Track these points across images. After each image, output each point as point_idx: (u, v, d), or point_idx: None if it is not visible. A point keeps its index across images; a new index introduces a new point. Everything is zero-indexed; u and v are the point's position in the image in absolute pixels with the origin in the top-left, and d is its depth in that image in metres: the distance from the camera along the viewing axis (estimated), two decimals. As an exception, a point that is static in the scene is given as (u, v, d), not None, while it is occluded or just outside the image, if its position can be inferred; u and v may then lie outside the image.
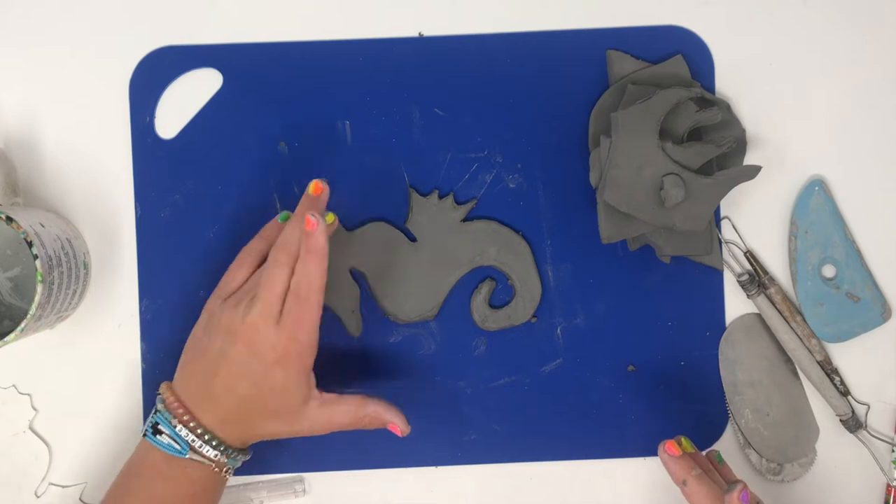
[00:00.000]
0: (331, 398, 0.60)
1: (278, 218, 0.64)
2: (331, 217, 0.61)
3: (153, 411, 0.59)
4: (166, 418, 0.58)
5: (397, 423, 0.61)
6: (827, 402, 0.66)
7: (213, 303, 0.61)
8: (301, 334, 0.57)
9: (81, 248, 0.64)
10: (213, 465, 0.58)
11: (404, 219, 0.66)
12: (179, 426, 0.58)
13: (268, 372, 0.57)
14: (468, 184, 0.66)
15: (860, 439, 0.66)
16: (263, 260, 0.62)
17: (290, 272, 0.58)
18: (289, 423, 0.59)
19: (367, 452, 0.66)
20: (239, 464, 0.60)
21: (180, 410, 0.58)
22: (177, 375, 0.60)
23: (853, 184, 0.67)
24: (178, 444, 0.57)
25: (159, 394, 0.60)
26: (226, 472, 0.59)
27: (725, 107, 0.64)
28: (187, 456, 0.57)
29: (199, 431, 0.57)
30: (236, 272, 0.62)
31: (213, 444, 0.58)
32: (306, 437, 0.65)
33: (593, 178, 0.64)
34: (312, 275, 0.58)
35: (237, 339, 0.58)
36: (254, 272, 0.61)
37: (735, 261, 0.67)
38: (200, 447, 0.57)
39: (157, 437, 0.58)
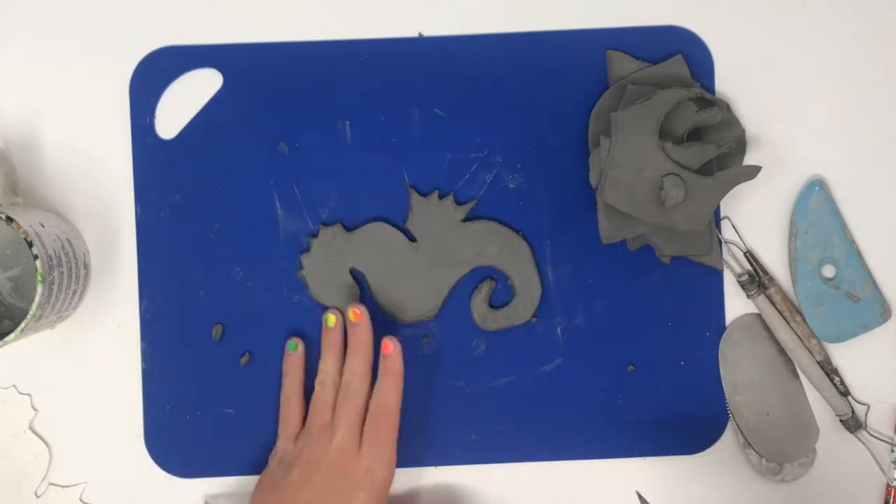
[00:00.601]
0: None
1: (288, 348, 0.65)
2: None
3: None
4: None
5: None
6: (826, 402, 0.66)
7: (282, 444, 0.63)
8: (382, 455, 0.60)
9: (81, 248, 0.64)
10: None
11: (404, 219, 0.66)
12: None
13: (352, 495, 0.59)
14: (468, 184, 0.66)
15: (860, 439, 0.66)
16: (305, 391, 0.64)
17: (363, 397, 0.62)
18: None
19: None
20: None
21: None
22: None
23: (853, 184, 0.67)
24: None
25: None
26: None
27: (725, 107, 0.64)
28: None
29: None
30: (290, 412, 0.64)
31: None
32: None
33: (593, 178, 0.64)
34: (390, 396, 0.61)
35: (321, 466, 0.60)
36: (304, 406, 0.64)
37: (735, 261, 0.67)
38: None
39: None
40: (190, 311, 0.65)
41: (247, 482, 0.66)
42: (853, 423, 0.66)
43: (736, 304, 0.67)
